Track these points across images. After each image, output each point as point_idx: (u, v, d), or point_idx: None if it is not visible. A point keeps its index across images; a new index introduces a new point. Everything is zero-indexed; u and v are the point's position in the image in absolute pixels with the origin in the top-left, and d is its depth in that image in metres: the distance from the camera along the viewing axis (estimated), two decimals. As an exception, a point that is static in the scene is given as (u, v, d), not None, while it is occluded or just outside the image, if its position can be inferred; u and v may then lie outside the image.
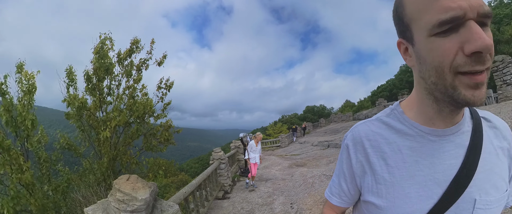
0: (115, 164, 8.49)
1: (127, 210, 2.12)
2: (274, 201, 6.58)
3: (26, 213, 6.82)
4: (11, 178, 6.45)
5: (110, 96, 8.92)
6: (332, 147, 14.18)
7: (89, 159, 9.06)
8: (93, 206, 2.41)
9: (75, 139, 9.09)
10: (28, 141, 7.57)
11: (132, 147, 9.34)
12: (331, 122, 37.90)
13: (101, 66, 8.30)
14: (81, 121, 8.53)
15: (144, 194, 2.21)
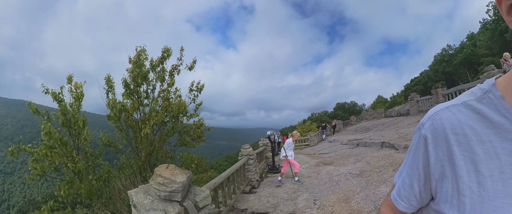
0: (150, 159, 9.55)
1: (166, 191, 2.61)
2: (298, 197, 6.92)
3: (76, 195, 8.32)
4: (67, 167, 8.06)
5: (147, 100, 9.96)
6: (361, 146, 14.12)
7: (126, 154, 10.36)
8: (136, 189, 2.94)
9: (114, 137, 10.18)
10: (78, 138, 8.78)
11: (167, 143, 10.36)
12: (362, 120, 36.99)
13: (139, 74, 9.42)
14: (119, 122, 9.67)
15: (182, 178, 2.68)
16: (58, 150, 8.13)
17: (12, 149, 7.94)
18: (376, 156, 9.75)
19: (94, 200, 8.18)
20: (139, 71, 9.44)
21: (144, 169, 9.14)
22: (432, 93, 18.51)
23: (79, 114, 8.82)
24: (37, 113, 8.42)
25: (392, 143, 10.76)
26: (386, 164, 8.09)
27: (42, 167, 8.05)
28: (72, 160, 8.20)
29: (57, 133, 8.10)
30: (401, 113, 26.06)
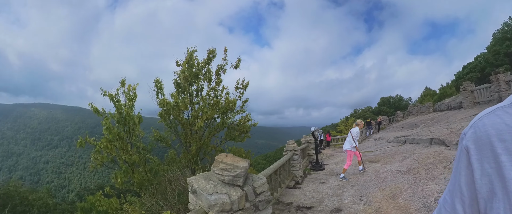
0: (200, 152, 10.45)
1: (230, 175, 2.92)
2: (344, 193, 7.03)
3: (130, 184, 9.66)
4: (122, 158, 9.40)
5: (197, 98, 10.83)
6: (408, 143, 13.65)
7: (174, 149, 11.39)
8: (195, 176, 3.28)
9: (164, 134, 11.20)
10: (132, 134, 10.01)
11: (216, 138, 11.20)
12: (409, 115, 34.97)
13: (191, 74, 10.32)
14: (169, 119, 10.63)
15: (243, 164, 2.98)
16: (116, 143, 9.43)
17: (81, 141, 9.36)
18: (425, 153, 9.47)
19: (144, 189, 9.16)
20: (191, 71, 10.33)
21: (193, 162, 9.97)
22: (492, 81, 15.77)
23: (132, 113, 10.06)
24: (97, 112, 9.75)
25: (442, 139, 10.32)
26: (436, 161, 7.87)
27: (102, 158, 9.42)
28: (127, 153, 9.47)
29: (115, 128, 9.47)
30: (452, 106, 24.19)
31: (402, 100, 55.92)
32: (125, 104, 10.02)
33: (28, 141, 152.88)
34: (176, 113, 10.26)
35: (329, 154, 16.36)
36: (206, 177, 3.19)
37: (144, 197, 9.20)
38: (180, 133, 10.91)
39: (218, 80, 11.04)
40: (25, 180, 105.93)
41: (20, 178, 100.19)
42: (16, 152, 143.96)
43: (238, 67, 11.32)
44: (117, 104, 9.83)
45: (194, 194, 3.11)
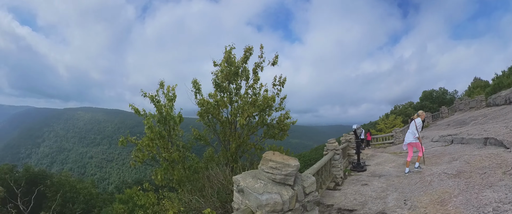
0: (239, 150, 10.70)
1: (281, 174, 2.85)
2: (388, 196, 6.83)
3: (169, 181, 10.15)
4: (163, 156, 9.96)
5: (236, 96, 11.10)
6: (456, 143, 12.77)
7: (213, 147, 11.77)
8: (242, 175, 3.23)
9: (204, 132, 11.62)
10: (173, 133, 10.55)
11: (255, 135, 11.38)
12: (455, 111, 32.21)
13: (231, 72, 10.62)
14: (207, 118, 11.02)
15: (295, 162, 2.92)
16: (157, 142, 9.94)
17: (122, 140, 9.87)
18: (478, 154, 8.79)
19: (182, 186, 9.60)
20: (231, 69, 10.60)
21: (232, 160, 10.23)
22: None
23: (172, 112, 10.52)
24: (137, 112, 10.29)
25: (500, 139, 9.41)
26: (493, 165, 7.21)
27: (143, 155, 9.94)
28: (167, 151, 9.99)
29: (156, 127, 9.96)
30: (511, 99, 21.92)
31: (446, 94, 51.07)
32: (164, 104, 10.48)
33: (76, 139, 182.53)
34: (215, 111, 10.54)
35: (370, 154, 15.84)
36: (254, 175, 3.15)
37: (181, 193, 9.72)
38: (219, 131, 11.21)
39: (255, 78, 11.16)
40: (74, 171, 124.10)
41: (70, 169, 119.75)
42: (66, 148, 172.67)
43: (276, 64, 11.40)
44: (158, 105, 10.30)
45: (240, 193, 3.07)
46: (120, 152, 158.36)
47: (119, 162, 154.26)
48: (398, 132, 22.11)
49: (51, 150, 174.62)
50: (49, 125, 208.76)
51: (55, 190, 27.72)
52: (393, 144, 21.29)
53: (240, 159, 10.59)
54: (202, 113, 10.75)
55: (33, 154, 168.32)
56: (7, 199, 22.49)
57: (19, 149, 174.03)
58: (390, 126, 35.13)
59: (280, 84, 11.33)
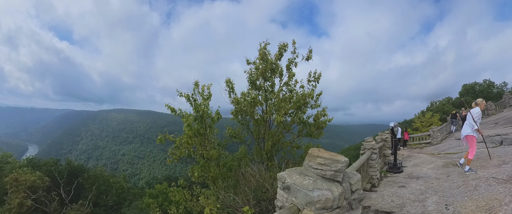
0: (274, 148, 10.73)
1: (332, 170, 2.83)
2: (427, 199, 6.61)
3: (205, 178, 10.43)
4: (199, 154, 10.34)
5: (271, 94, 11.14)
6: (507, 144, 11.89)
7: (247, 145, 11.92)
8: (287, 172, 3.21)
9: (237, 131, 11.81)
10: (209, 131, 10.86)
11: (291, 133, 11.34)
12: (504, 107, 28.84)
13: (266, 68, 10.69)
14: (242, 116, 11.21)
15: (343, 158, 2.89)
16: (195, 139, 10.30)
17: (161, 138, 10.30)
18: (534, 158, 8.26)
19: (217, 184, 9.82)
20: (266, 65, 10.66)
21: (268, 158, 10.32)
22: None
23: (208, 111, 10.83)
24: (173, 111, 10.63)
25: None
26: None
27: (180, 153, 10.32)
28: (204, 148, 10.33)
29: (195, 125, 10.28)
30: None
31: (492, 87, 45.08)
32: (200, 103, 10.80)
33: (109, 137, 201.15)
34: (250, 109, 10.72)
35: (406, 155, 15.28)
36: (300, 172, 3.12)
37: (214, 190, 10.03)
38: (253, 129, 11.39)
39: (290, 74, 11.20)
40: (107, 167, 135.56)
41: (104, 165, 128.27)
42: (101, 146, 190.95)
43: (310, 59, 11.25)
44: (195, 104, 10.64)
45: (285, 191, 3.06)
46: (152, 149, 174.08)
47: (150, 159, 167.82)
48: (435, 131, 20.50)
49: (88, 147, 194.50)
50: (86, 125, 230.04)
51: (91, 183, 31.03)
52: (430, 144, 19.95)
53: (278, 155, 10.67)
54: (236, 111, 10.95)
55: (73, 150, 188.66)
56: (52, 187, 26.28)
57: (61, 146, 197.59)
58: (426, 125, 32.88)
59: (315, 80, 11.17)
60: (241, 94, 11.27)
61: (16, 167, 28.16)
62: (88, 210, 24.99)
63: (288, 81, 11.14)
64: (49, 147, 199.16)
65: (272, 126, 11.23)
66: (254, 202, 6.60)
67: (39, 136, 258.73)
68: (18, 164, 31.03)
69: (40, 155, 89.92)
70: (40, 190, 24.32)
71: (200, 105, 10.63)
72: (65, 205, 25.71)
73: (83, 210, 23.99)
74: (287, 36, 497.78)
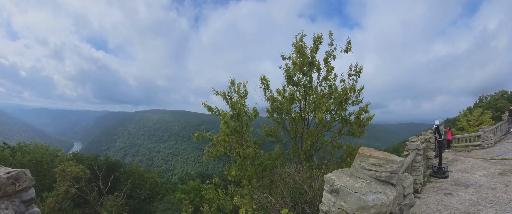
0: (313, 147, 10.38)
1: (387, 171, 2.59)
2: (480, 211, 6.09)
3: (241, 177, 10.29)
4: (236, 151, 10.27)
5: (309, 89, 10.72)
6: None
7: (284, 144, 11.71)
8: (334, 173, 3.01)
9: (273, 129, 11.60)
10: (246, 129, 10.87)
11: (331, 133, 10.84)
12: None
13: (304, 62, 10.25)
14: (278, 113, 11.02)
15: (398, 157, 2.65)
16: (233, 137, 10.23)
17: (197, 135, 10.33)
18: None
19: (252, 183, 9.77)
20: (303, 59, 10.21)
21: (305, 158, 10.03)
22: None
23: (244, 108, 10.67)
24: (210, 110, 10.51)
25: None
26: None
27: (217, 151, 10.35)
28: (241, 147, 10.25)
29: (232, 123, 10.18)
30: None
31: None
32: (236, 101, 10.66)
33: (145, 136, 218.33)
34: (288, 106, 10.50)
35: (451, 158, 14.13)
36: (350, 173, 2.91)
37: (247, 189, 9.98)
38: (289, 128, 11.14)
39: (328, 68, 10.58)
40: (143, 163, 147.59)
41: (139, 161, 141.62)
42: (137, 144, 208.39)
43: (349, 51, 10.53)
44: (232, 102, 10.49)
45: (333, 194, 2.86)
46: (185, 147, 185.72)
47: (183, 156, 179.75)
48: (487, 131, 17.62)
49: (125, 145, 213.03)
50: (123, 125, 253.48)
51: (127, 177, 34.46)
52: (480, 146, 17.52)
53: (317, 155, 10.37)
54: (273, 109, 10.81)
55: (111, 148, 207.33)
56: (92, 179, 29.91)
57: (101, 143, 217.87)
58: (475, 124, 28.50)
59: (356, 74, 10.46)
60: (276, 92, 11.08)
61: (64, 160, 32.81)
62: (122, 201, 27.60)
63: (327, 76, 10.59)
64: (90, 144, 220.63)
65: (310, 124, 10.85)
66: (292, 204, 6.44)
67: (82, 134, 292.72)
68: (65, 157, 35.92)
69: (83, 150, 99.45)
70: (82, 180, 28.07)
71: (237, 103, 10.50)
72: (102, 196, 28.98)
73: (118, 201, 26.66)
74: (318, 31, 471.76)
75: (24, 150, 32.26)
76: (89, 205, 28.02)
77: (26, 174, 3.01)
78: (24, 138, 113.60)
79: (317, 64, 10.53)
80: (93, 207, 27.48)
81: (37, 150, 32.62)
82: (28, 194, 3.03)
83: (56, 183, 26.00)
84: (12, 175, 2.84)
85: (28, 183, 3.01)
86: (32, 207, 3.10)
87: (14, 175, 2.86)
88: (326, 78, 10.59)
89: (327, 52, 10.58)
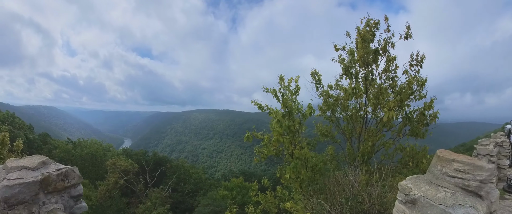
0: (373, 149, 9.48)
1: (476, 179, 2.19)
2: None
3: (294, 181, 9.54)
4: (289, 152, 9.75)
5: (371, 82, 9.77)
6: None
7: (340, 146, 10.98)
8: (410, 179, 2.69)
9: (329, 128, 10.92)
10: (299, 128, 10.16)
11: (392, 132, 9.76)
12: None
13: (368, 52, 9.26)
14: (331, 111, 10.36)
15: (486, 163, 2.28)
16: (286, 137, 9.61)
17: (248, 135, 9.98)
18: None
19: (304, 188, 9.12)
20: (367, 48, 9.23)
21: (363, 161, 9.22)
22: None
23: (299, 105, 10.04)
24: (261, 108, 10.04)
25: None
26: None
27: (268, 151, 9.86)
28: (295, 147, 9.59)
29: (286, 121, 9.43)
30: None
31: None
32: (287, 98, 10.08)
33: (191, 134, 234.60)
34: (345, 102, 9.89)
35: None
36: (428, 181, 2.52)
37: (296, 194, 9.44)
38: (344, 126, 10.41)
39: (388, 58, 9.41)
40: (188, 159, 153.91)
41: (185, 157, 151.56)
42: (183, 141, 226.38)
43: (410, 37, 9.37)
44: (283, 99, 9.84)
45: (407, 205, 2.52)
46: (229, 145, 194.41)
47: (227, 153, 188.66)
48: None
49: (172, 142, 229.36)
50: (171, 124, 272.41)
51: (172, 172, 37.41)
52: None
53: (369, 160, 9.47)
54: (328, 105, 10.11)
55: (159, 144, 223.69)
56: (140, 173, 33.82)
57: (149, 141, 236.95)
58: None
59: (417, 63, 9.21)
60: (328, 86, 10.44)
61: (115, 154, 38.51)
62: (166, 194, 30.69)
63: (388, 67, 9.48)
64: (140, 141, 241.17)
65: (369, 122, 9.92)
66: (349, 213, 5.92)
67: (132, 133, 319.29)
68: (116, 152, 42.50)
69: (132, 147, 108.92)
70: (131, 173, 31.72)
71: (288, 100, 9.84)
72: (148, 188, 32.32)
73: (163, 194, 29.61)
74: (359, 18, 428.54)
75: (83, 145, 39.37)
76: (135, 195, 31.50)
77: (75, 172, 3.16)
78: (83, 135, 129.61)
79: (373, 55, 9.48)
80: (139, 197, 30.59)
81: (92, 145, 39.18)
82: (77, 190, 3.18)
83: (107, 174, 30.11)
84: (62, 172, 2.98)
85: (77, 180, 3.16)
86: (80, 202, 3.25)
87: (63, 172, 3.01)
88: (387, 70, 9.50)
89: (385, 39, 9.46)
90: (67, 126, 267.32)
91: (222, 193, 28.87)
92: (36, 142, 46.50)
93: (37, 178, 2.78)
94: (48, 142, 47.71)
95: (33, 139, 46.84)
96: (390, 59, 9.43)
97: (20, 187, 2.65)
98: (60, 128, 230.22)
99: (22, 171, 2.84)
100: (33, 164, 2.92)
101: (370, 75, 9.56)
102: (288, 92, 9.88)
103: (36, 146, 44.99)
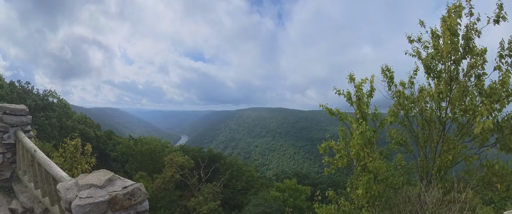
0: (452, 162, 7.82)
1: None
2: None
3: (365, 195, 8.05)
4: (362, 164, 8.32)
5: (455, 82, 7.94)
6: None
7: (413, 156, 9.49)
8: None
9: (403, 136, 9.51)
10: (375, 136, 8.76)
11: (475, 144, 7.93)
12: None
13: (456, 46, 7.45)
14: (405, 115, 8.98)
15: None
16: (367, 150, 8.21)
17: (324, 146, 8.87)
18: None
19: (373, 205, 8.04)
20: (457, 41, 7.45)
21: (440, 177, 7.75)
22: None
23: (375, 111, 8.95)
24: (331, 113, 8.97)
25: None
26: None
27: (342, 163, 8.67)
28: (369, 158, 8.13)
29: (368, 133, 7.94)
30: None
31: None
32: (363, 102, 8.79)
33: (245, 132, 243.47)
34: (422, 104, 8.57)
35: None
36: None
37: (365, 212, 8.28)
38: (419, 132, 8.93)
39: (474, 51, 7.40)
40: (241, 155, 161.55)
41: (238, 154, 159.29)
42: (237, 138, 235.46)
43: (503, 20, 7.23)
44: (360, 103, 8.51)
45: None
46: (282, 144, 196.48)
47: (280, 152, 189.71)
48: None
49: (226, 139, 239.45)
50: (225, 122, 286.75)
51: (226, 168, 38.55)
52: None
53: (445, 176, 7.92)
54: (403, 107, 8.69)
55: (213, 141, 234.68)
56: (194, 168, 35.44)
57: (204, 138, 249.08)
58: None
59: (509, 55, 7.20)
60: (401, 84, 9.09)
61: (172, 150, 41.63)
62: (218, 189, 31.76)
63: (475, 62, 7.47)
64: (195, 137, 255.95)
65: (447, 129, 8.17)
66: None
67: (189, 130, 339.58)
68: (173, 148, 46.61)
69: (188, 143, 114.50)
70: (186, 169, 33.70)
71: (364, 105, 8.53)
72: (201, 182, 34.02)
73: (215, 189, 30.87)
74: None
75: (143, 141, 43.21)
76: (188, 189, 33.44)
77: (141, 189, 3.32)
78: (143, 132, 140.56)
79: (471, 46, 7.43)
80: (192, 191, 32.46)
81: (152, 142, 42.80)
82: (142, 206, 3.34)
83: (164, 168, 32.60)
84: (128, 191, 3.19)
85: (143, 197, 3.32)
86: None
87: (130, 191, 3.21)
88: (473, 65, 7.53)
89: (467, 25, 7.48)
90: (128, 124, 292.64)
91: (274, 194, 28.54)
92: (103, 138, 55.34)
93: (105, 197, 3.02)
94: (112, 138, 55.82)
95: (100, 135, 55.61)
96: (478, 52, 7.39)
97: (91, 206, 2.90)
98: (123, 126, 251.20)
99: (91, 189, 3.13)
100: (100, 181, 3.20)
101: (455, 74, 7.70)
102: (361, 94, 8.50)
103: (103, 141, 53.93)
